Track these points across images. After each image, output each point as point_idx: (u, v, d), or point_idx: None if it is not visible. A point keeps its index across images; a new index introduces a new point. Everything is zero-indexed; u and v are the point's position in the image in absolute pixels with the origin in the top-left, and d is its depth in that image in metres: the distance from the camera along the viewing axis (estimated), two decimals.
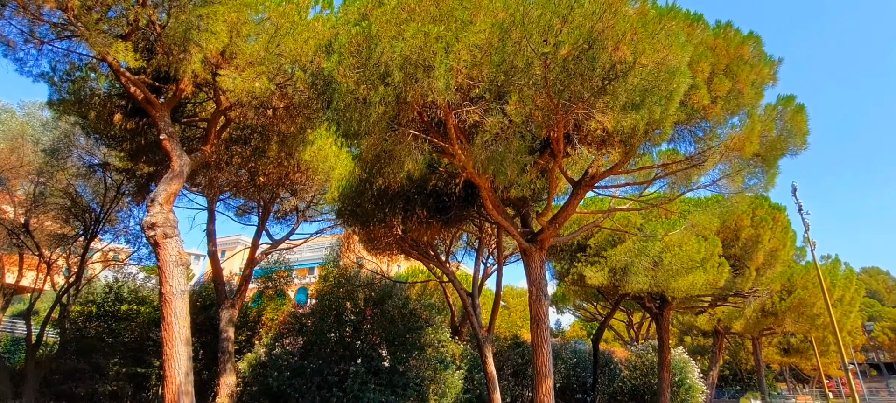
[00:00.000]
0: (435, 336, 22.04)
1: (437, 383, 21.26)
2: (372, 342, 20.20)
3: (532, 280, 12.20)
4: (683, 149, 11.90)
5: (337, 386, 17.12)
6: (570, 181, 12.37)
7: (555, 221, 12.33)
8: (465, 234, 24.04)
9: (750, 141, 9.61)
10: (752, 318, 22.93)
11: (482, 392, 22.50)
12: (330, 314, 18.72)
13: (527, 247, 12.35)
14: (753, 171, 11.48)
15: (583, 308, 34.23)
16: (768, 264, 17.38)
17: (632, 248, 15.83)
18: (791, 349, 36.60)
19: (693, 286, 15.00)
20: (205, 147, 10.13)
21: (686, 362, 20.35)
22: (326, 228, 21.66)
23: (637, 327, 34.99)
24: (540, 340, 11.53)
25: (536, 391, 11.16)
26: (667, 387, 17.89)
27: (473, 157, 8.76)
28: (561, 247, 20.21)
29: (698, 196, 15.38)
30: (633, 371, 22.15)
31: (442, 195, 16.15)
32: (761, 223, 16.80)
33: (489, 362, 18.81)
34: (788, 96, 9.98)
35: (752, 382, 36.50)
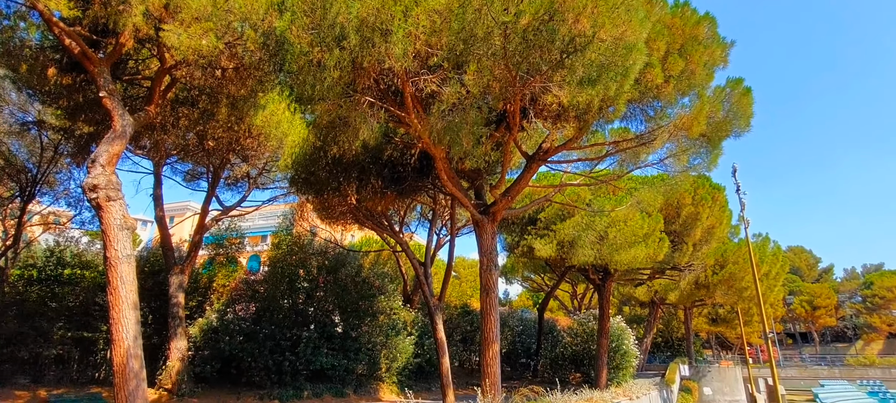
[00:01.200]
0: (387, 303, 22.29)
1: (388, 348, 21.66)
2: (325, 308, 20.20)
3: (483, 250, 12.38)
4: (635, 128, 12.26)
5: (290, 351, 17.11)
6: (525, 155, 12.52)
7: (508, 194, 12.49)
8: (420, 205, 24.05)
9: (698, 121, 9.99)
10: (686, 290, 24.49)
11: (432, 357, 23.06)
12: (283, 281, 18.49)
13: (479, 219, 12.48)
14: (698, 151, 11.99)
15: (531, 279, 35.30)
16: (705, 240, 18.48)
17: (580, 223, 16.34)
18: (718, 319, 39.59)
19: (635, 259, 15.74)
20: (149, 107, 9.43)
21: (623, 330, 21.51)
22: (279, 196, 21.07)
23: (580, 297, 36.62)
24: (488, 308, 11.80)
25: (483, 355, 11.49)
26: (604, 353, 18.91)
27: (430, 127, 8.64)
28: (512, 220, 20.61)
29: (646, 174, 16.03)
30: (574, 337, 23.19)
31: (397, 165, 15.99)
32: (701, 201, 17.76)
33: (439, 329, 19.17)
34: (737, 79, 10.40)
35: (681, 349, 39.31)
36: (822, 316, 56.66)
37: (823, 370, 41.77)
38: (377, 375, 21.39)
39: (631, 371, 21.69)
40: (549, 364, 23.81)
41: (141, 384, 7.54)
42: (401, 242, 20.39)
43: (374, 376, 21.27)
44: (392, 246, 24.80)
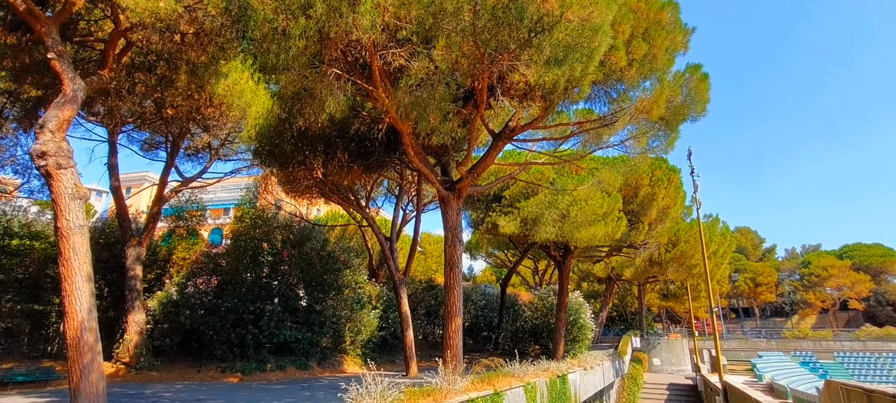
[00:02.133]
0: (352, 277, 22.34)
1: (353, 321, 21.80)
2: (289, 282, 20.06)
3: (448, 226, 12.55)
4: (598, 109, 12.56)
5: (253, 324, 16.98)
6: (491, 132, 12.63)
7: (474, 171, 12.64)
8: (386, 181, 23.96)
9: (657, 105, 10.33)
10: (641, 267, 25.61)
11: (396, 330, 23.37)
12: (246, 254, 18.20)
13: (445, 195, 12.61)
14: (657, 134, 12.44)
15: (494, 255, 35.98)
16: (660, 220, 19.30)
17: (543, 201, 16.72)
18: (669, 294, 41.64)
19: (594, 237, 16.30)
20: (102, 71, 8.93)
21: (581, 304, 22.39)
22: (242, 168, 20.52)
23: (542, 273, 37.66)
24: (452, 282, 12.03)
25: (446, 328, 11.76)
26: (562, 326, 19.67)
27: (397, 102, 8.61)
28: (478, 197, 20.87)
29: (607, 154, 16.51)
30: (534, 312, 23.99)
31: (364, 140, 15.83)
32: (658, 182, 18.48)
33: (404, 303, 19.44)
34: (696, 65, 10.76)
35: (634, 322, 41.23)
36: (764, 292, 60.45)
37: (762, 342, 44.83)
38: (341, 348, 21.53)
39: (587, 343, 22.66)
40: (510, 337, 24.56)
41: (96, 357, 7.36)
42: (367, 217, 20.34)
43: (339, 349, 21.40)
44: (358, 220, 24.71)
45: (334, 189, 18.70)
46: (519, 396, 7.59)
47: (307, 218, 24.09)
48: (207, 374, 15.20)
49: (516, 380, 7.77)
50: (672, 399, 20.93)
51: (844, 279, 55.12)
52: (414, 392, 5.41)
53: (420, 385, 5.79)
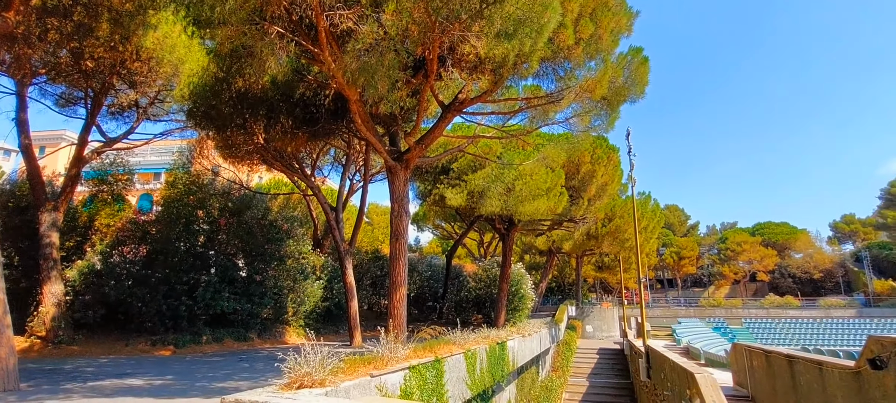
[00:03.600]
0: (296, 247, 21.80)
1: (296, 292, 21.38)
2: (227, 252, 19.24)
3: (395, 197, 12.47)
4: (546, 87, 12.79)
5: (187, 295, 16.19)
6: (441, 104, 12.56)
7: (422, 142, 12.56)
8: (333, 149, 23.35)
9: (601, 84, 10.66)
10: (579, 240, 26.80)
11: (341, 301, 23.20)
12: (178, 222, 17.19)
13: (393, 165, 12.47)
14: (599, 113, 12.88)
15: (441, 227, 36.30)
16: (598, 196, 20.17)
17: (490, 174, 16.97)
18: (603, 266, 43.98)
19: (537, 210, 16.80)
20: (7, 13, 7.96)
21: (522, 276, 23.21)
22: (175, 130, 19.17)
23: (487, 246, 38.54)
24: (397, 253, 12.04)
25: (391, 298, 11.81)
26: (504, 296, 20.34)
27: (344, 66, 8.32)
28: (426, 169, 20.83)
29: (553, 131, 16.94)
30: (478, 282, 24.59)
31: (310, 105, 15.26)
32: (598, 160, 19.23)
33: (349, 273, 19.27)
34: (637, 48, 11.14)
35: (571, 292, 43.38)
36: (686, 265, 65.32)
37: (682, 310, 48.69)
38: (283, 319, 21.12)
39: (527, 312, 23.58)
40: (454, 307, 25.08)
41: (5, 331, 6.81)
42: (312, 186, 19.80)
43: (280, 320, 20.99)
44: (302, 189, 23.99)
45: (277, 156, 17.99)
46: (459, 363, 7.79)
47: (247, 185, 23.09)
48: (136, 347, 14.41)
49: (457, 348, 7.96)
50: (601, 362, 22.33)
51: (755, 253, 60.47)
52: (354, 360, 5.41)
53: (362, 354, 5.80)
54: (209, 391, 8.77)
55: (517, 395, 14.24)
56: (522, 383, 15.03)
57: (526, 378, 15.34)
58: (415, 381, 6.23)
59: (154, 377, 10.04)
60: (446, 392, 7.10)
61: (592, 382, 20.01)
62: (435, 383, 6.77)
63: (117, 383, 9.35)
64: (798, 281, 60.84)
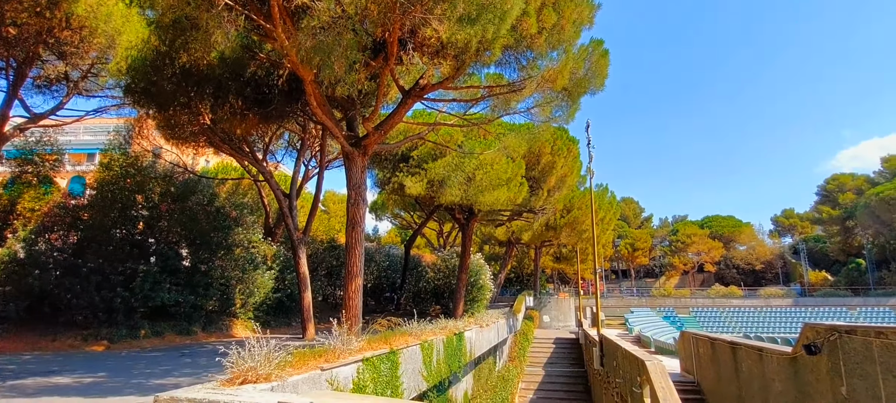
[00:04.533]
0: (245, 236, 20.87)
1: (244, 283, 20.48)
2: (169, 240, 18.16)
3: (352, 184, 12.06)
4: (508, 76, 12.64)
5: (123, 286, 15.11)
6: (401, 89, 12.20)
7: (381, 128, 12.17)
8: (288, 133, 22.49)
9: (562, 75, 10.60)
10: (538, 231, 27.11)
11: (293, 292, 22.45)
12: (114, 207, 16.03)
13: (350, 151, 12.04)
14: (560, 104, 12.88)
15: (400, 216, 35.89)
16: (558, 187, 20.37)
17: (450, 163, 16.75)
18: (561, 257, 44.87)
19: (497, 201, 16.74)
20: None
21: (481, 266, 23.22)
22: (111, 107, 17.84)
23: (446, 236, 38.44)
24: (353, 242, 11.67)
25: (346, 288, 11.44)
26: (463, 287, 20.27)
27: (298, 44, 7.84)
28: (385, 156, 20.37)
29: (515, 122, 16.88)
30: (437, 273, 24.44)
31: (262, 85, 14.49)
32: (559, 151, 19.37)
33: (302, 263, 18.64)
34: (598, 40, 11.16)
35: (530, 283, 43.98)
36: (639, 256, 67.76)
37: (635, 300, 50.52)
38: (231, 311, 20.21)
39: (485, 302, 23.63)
40: (412, 298, 24.84)
41: None
42: (263, 171, 18.98)
43: (228, 312, 20.07)
44: (253, 174, 23.02)
45: (225, 138, 17.09)
46: (415, 354, 7.57)
47: (193, 169, 21.90)
48: (65, 343, 13.33)
49: (413, 339, 7.72)
50: (557, 351, 22.69)
51: (703, 245, 63.42)
52: (304, 353, 5.07)
53: (313, 347, 5.47)
54: (145, 388, 8.18)
55: (474, 386, 14.20)
56: (479, 373, 15.01)
57: (483, 368, 15.33)
58: (368, 374, 5.95)
59: (84, 374, 9.29)
60: (401, 385, 6.85)
61: (548, 371, 20.30)
62: (390, 375, 6.51)
63: (42, 381, 8.57)
64: (741, 272, 64.34)
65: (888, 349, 4.50)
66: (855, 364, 5.11)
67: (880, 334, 4.65)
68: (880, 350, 4.63)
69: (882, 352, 4.60)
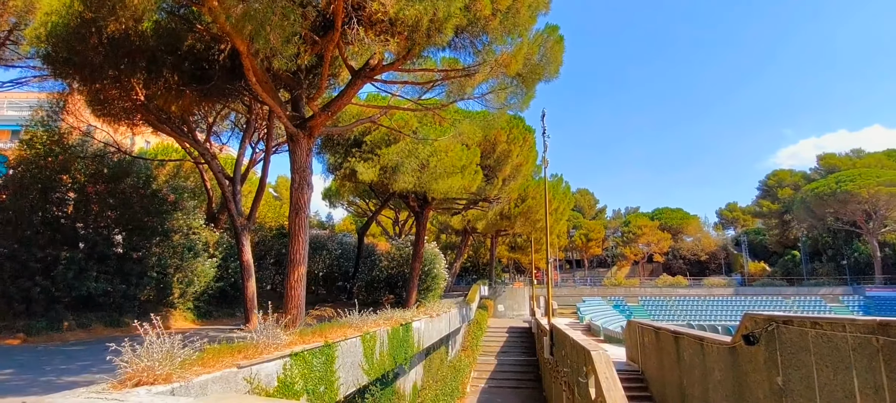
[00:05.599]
0: (185, 221, 19.68)
1: (183, 271, 19.31)
2: (99, 225, 16.80)
3: (296, 167, 11.42)
4: (464, 61, 12.30)
5: (42, 274, 13.81)
6: (351, 69, 11.64)
7: (329, 109, 11.57)
8: (235, 113, 21.35)
9: (516, 60, 10.34)
10: (492, 220, 27.09)
11: (237, 281, 21.42)
12: (33, 188, 14.58)
13: (294, 132, 11.38)
14: (516, 91, 12.67)
15: (355, 204, 35.11)
16: (513, 176, 20.28)
17: (404, 149, 16.29)
18: (516, 247, 45.35)
19: (451, 188, 16.44)
20: None
21: (436, 255, 22.96)
22: (31, 78, 16.24)
23: (402, 224, 37.93)
24: (297, 228, 11.08)
25: (288, 277, 10.85)
26: (416, 276, 19.94)
27: (227, 9, 7.15)
28: (337, 140, 19.66)
29: (471, 109, 16.58)
30: (391, 261, 24.00)
31: (201, 60, 13.49)
32: (514, 140, 19.25)
33: (246, 250, 17.75)
34: (553, 26, 10.94)
35: (486, 272, 44.20)
36: (593, 246, 69.62)
37: (587, 289, 51.82)
38: (168, 301, 19.01)
39: (439, 292, 23.42)
40: (365, 287, 24.31)
41: None
42: (203, 152, 17.89)
43: (165, 302, 18.87)
44: (195, 157, 21.70)
45: (164, 117, 15.95)
46: (355, 347, 7.15)
47: (127, 149, 20.42)
48: None
49: (353, 330, 7.30)
50: (511, 340, 22.82)
51: (653, 236, 65.82)
52: (220, 349, 4.57)
53: (231, 341, 4.96)
54: (54, 387, 7.36)
55: (424, 376, 13.94)
56: (430, 363, 14.76)
57: (434, 358, 15.09)
58: (298, 370, 5.49)
59: None
60: (337, 380, 6.43)
61: (501, 360, 20.34)
62: (323, 370, 6.06)
63: None
64: (688, 263, 67.30)
65: (823, 339, 4.48)
66: (791, 354, 5.12)
67: (816, 324, 4.63)
68: (815, 340, 4.62)
69: (817, 342, 4.59)
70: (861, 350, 3.91)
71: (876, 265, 46.82)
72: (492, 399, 16.23)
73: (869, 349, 3.81)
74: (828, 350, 4.40)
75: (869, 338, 3.77)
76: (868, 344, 3.81)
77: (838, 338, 4.21)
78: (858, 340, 3.93)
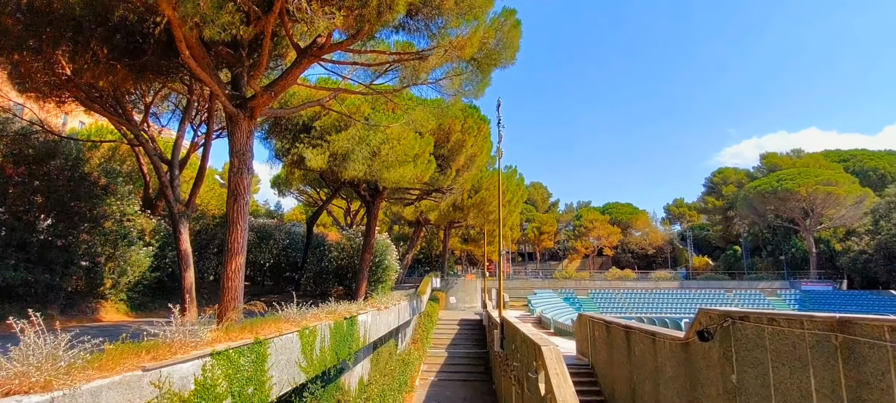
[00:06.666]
0: (118, 207, 18.26)
1: (116, 260, 17.95)
2: (19, 209, 15.25)
3: (235, 150, 10.64)
4: (419, 44, 11.86)
5: None
6: (297, 48, 10.97)
7: (272, 89, 10.84)
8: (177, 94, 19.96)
9: (471, 43, 10.01)
10: (445, 211, 26.82)
11: (176, 271, 20.19)
12: None
13: (233, 112, 10.59)
14: (471, 78, 12.36)
15: (306, 192, 34.00)
16: (467, 166, 20.02)
17: (355, 136, 15.69)
18: (469, 239, 45.44)
19: (403, 178, 15.98)
20: None
21: (387, 246, 22.44)
22: None
23: (354, 214, 37.03)
24: (236, 216, 10.35)
25: (225, 268, 10.12)
26: (366, 267, 19.36)
27: None
28: (285, 125, 18.76)
29: (426, 97, 16.15)
30: (341, 252, 23.28)
31: (134, 33, 12.34)
32: (469, 130, 18.97)
33: (184, 239, 16.64)
34: (511, 9, 10.68)
35: (439, 264, 44.04)
36: (546, 239, 70.99)
37: (538, 281, 52.73)
38: (99, 292, 17.62)
39: (390, 283, 22.93)
40: (313, 279, 23.49)
41: None
42: (137, 134, 16.61)
43: (94, 293, 17.47)
44: (130, 138, 20.21)
45: (94, 94, 14.68)
46: (291, 343, 6.63)
47: (57, 129, 18.68)
48: None
49: (290, 325, 6.77)
50: (462, 332, 22.70)
51: (604, 231, 67.80)
52: (122, 349, 3.97)
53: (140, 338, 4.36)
54: None
55: (372, 371, 13.49)
56: (378, 357, 14.33)
57: (383, 351, 14.67)
58: (221, 370, 4.93)
59: None
60: (269, 379, 5.90)
61: (452, 352, 20.17)
62: (252, 369, 5.53)
63: None
64: (636, 256, 69.83)
65: (779, 336, 4.41)
66: (746, 351, 5.04)
67: (772, 321, 4.56)
68: (772, 337, 4.54)
69: (773, 340, 4.51)
70: (819, 348, 3.84)
71: (811, 260, 49.63)
72: (441, 393, 16.00)
73: (827, 347, 3.74)
74: (785, 347, 4.34)
75: (827, 336, 3.69)
76: (826, 342, 3.74)
77: (796, 336, 4.14)
78: (816, 337, 3.87)
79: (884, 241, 43.69)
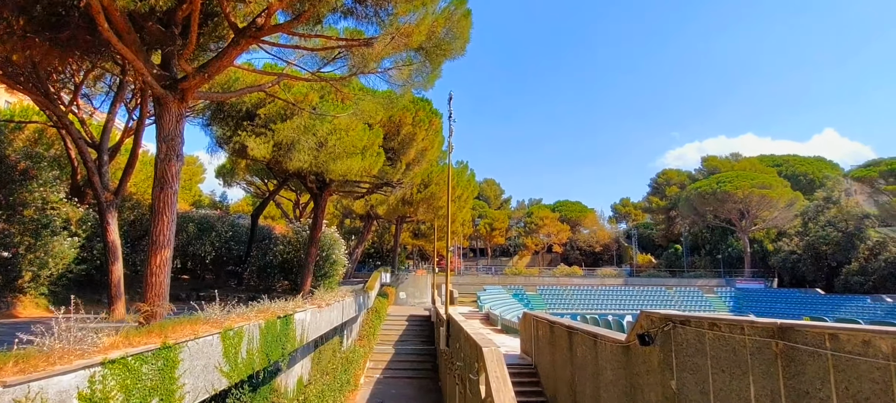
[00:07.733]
0: (40, 194, 16.73)
1: (36, 251, 16.44)
2: None
3: (163, 135, 9.85)
4: (369, 32, 11.44)
5: None
6: (234, 27, 10.27)
7: (206, 70, 10.10)
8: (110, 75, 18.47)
9: (419, 30, 9.69)
10: (394, 205, 26.37)
11: (104, 263, 18.76)
12: None
13: (162, 94, 9.79)
14: (420, 69, 12.04)
15: (254, 183, 32.63)
16: (418, 161, 19.66)
17: (300, 125, 15.02)
18: (420, 234, 45.10)
19: (350, 170, 15.46)
20: None
21: (335, 240, 21.79)
22: None
23: (303, 206, 35.89)
24: (163, 205, 9.58)
25: (150, 262, 9.36)
26: (312, 261, 18.69)
27: None
28: (228, 112, 17.75)
29: (376, 88, 15.65)
30: (287, 245, 22.43)
31: (57, 4, 11.28)
32: (420, 123, 18.60)
33: (112, 230, 15.52)
34: None
35: (390, 258, 43.47)
36: (497, 236, 71.68)
37: (489, 277, 53.08)
38: (17, 286, 16.13)
39: (338, 278, 22.30)
40: (257, 272, 22.53)
41: None
42: (60, 114, 15.28)
43: (12, 288, 15.98)
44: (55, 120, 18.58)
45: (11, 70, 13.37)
46: (211, 346, 6.09)
47: None
48: None
49: (210, 327, 6.22)
50: (409, 329, 22.40)
51: (553, 228, 69.18)
52: None
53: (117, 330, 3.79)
54: None
55: (312, 370, 12.96)
56: (320, 356, 13.81)
57: (325, 349, 14.15)
58: (115, 381, 4.39)
59: None
60: (180, 388, 5.37)
61: (399, 349, 19.83)
62: (158, 378, 4.99)
63: None
64: (584, 254, 71.69)
65: (720, 342, 4.35)
66: (687, 356, 4.95)
67: (714, 326, 4.48)
68: (712, 342, 4.47)
69: (714, 345, 4.44)
70: (759, 355, 3.78)
71: (746, 260, 52.60)
72: (386, 391, 15.65)
73: (767, 353, 3.68)
74: (725, 353, 4.26)
75: (768, 342, 3.63)
76: (767, 348, 3.68)
77: (736, 341, 4.08)
78: (757, 344, 3.80)
79: (812, 242, 46.86)
